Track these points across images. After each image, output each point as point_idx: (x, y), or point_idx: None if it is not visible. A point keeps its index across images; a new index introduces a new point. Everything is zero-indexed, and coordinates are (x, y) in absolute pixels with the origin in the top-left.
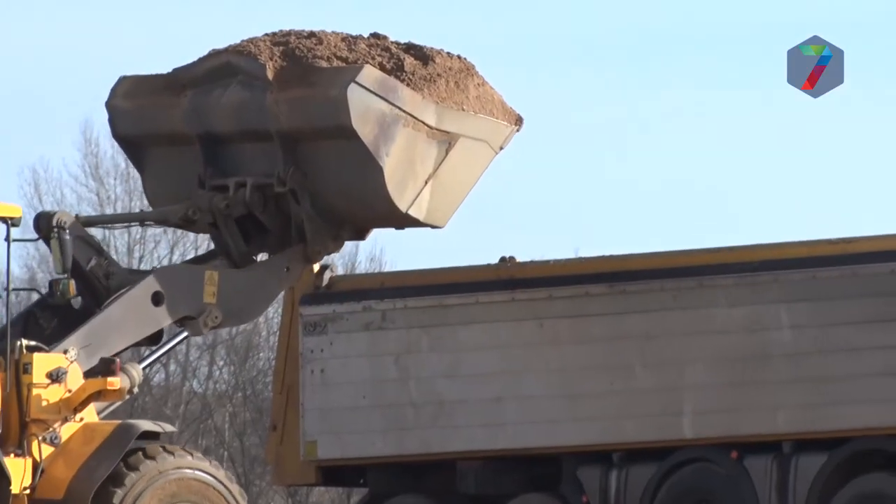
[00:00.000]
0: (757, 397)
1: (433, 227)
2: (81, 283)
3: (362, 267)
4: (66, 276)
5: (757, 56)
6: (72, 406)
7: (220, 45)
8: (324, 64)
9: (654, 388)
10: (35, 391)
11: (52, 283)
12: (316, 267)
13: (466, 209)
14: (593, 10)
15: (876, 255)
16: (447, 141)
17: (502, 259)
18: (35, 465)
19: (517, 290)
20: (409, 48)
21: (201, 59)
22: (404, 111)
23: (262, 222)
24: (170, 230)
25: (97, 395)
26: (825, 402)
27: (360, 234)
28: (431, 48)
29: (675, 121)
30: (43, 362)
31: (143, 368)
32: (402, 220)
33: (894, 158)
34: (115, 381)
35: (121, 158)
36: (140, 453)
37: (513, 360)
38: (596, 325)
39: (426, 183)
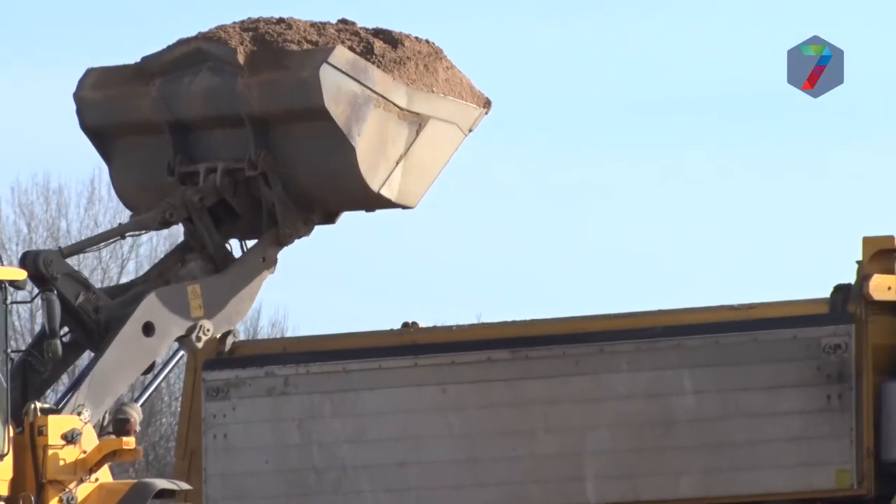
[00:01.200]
0: (660, 462)
1: (404, 207)
2: (71, 319)
3: (264, 332)
4: (55, 337)
5: (656, 124)
6: (87, 467)
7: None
8: (294, 48)
9: (557, 453)
10: (51, 452)
11: (45, 344)
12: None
13: (369, 275)
14: (500, 77)
15: (777, 320)
16: (418, 122)
17: (405, 324)
18: None
19: (420, 356)
20: (378, 33)
21: (170, 47)
22: (375, 92)
23: (233, 207)
24: None
25: (112, 456)
26: (727, 468)
27: (330, 218)
28: (400, 32)
29: (577, 186)
30: (57, 424)
31: (141, 405)
32: (374, 201)
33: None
34: (131, 441)
35: (23, 223)
36: None
37: (416, 425)
38: (499, 391)
39: (397, 163)
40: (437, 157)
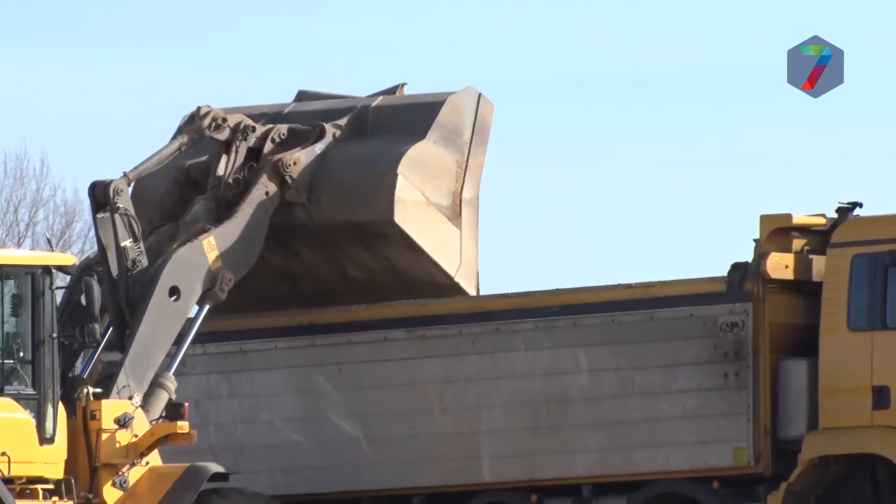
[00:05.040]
0: (556, 441)
1: (387, 215)
2: (112, 259)
3: None
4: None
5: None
6: (139, 450)
7: None
8: None
9: (453, 433)
10: (104, 437)
11: (85, 328)
12: None
13: None
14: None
15: (674, 299)
16: (455, 211)
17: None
18: None
19: (317, 336)
20: None
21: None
22: (469, 150)
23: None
24: None
25: (165, 440)
26: (623, 446)
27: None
28: None
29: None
30: (110, 408)
31: (173, 374)
32: (385, 182)
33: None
34: (185, 425)
35: None
36: (214, 494)
37: (313, 405)
38: (395, 370)
39: (423, 195)
40: (433, 238)
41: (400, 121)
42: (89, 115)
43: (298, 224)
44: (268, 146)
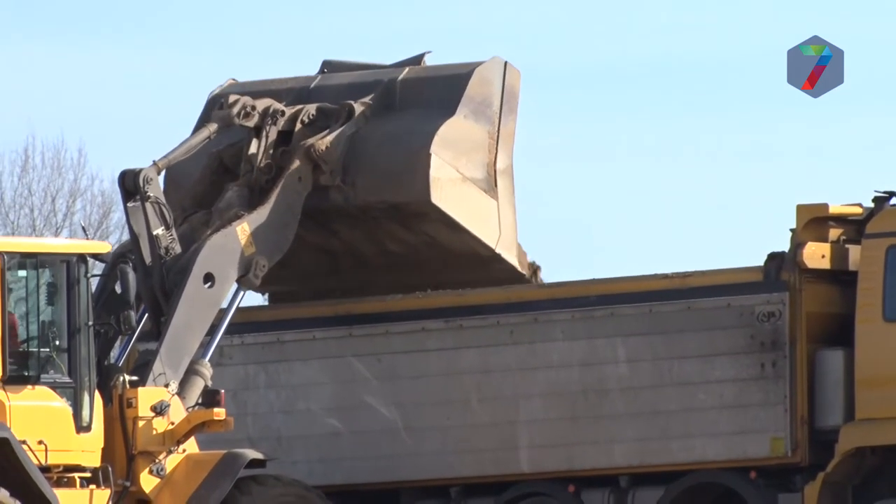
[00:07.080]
0: (593, 431)
1: (425, 197)
2: (138, 250)
3: None
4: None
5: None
6: (175, 438)
7: None
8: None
9: (490, 423)
10: (141, 424)
11: (121, 316)
12: None
13: None
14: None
15: (711, 289)
16: (490, 183)
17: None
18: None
19: (354, 326)
20: None
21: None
22: (499, 126)
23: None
24: None
25: (201, 427)
26: (661, 436)
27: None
28: None
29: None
30: (147, 396)
31: (209, 361)
32: (419, 168)
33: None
34: (221, 412)
35: None
36: (251, 481)
37: (350, 396)
38: (433, 360)
39: (458, 171)
40: (472, 213)
41: (428, 94)
42: (127, 106)
43: (335, 206)
44: (297, 127)
